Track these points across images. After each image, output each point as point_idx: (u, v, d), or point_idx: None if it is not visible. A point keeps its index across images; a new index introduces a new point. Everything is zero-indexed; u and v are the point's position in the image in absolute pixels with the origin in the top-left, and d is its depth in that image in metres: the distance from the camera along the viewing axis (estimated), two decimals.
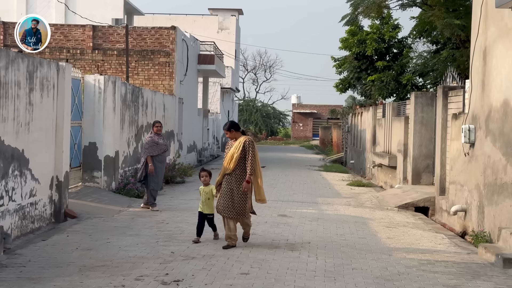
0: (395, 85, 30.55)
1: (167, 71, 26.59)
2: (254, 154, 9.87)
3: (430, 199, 15.70)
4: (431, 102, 18.22)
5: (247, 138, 10.06)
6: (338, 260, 9.14)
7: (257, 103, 78.09)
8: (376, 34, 31.45)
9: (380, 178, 23.64)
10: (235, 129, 10.19)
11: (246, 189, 9.82)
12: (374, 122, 25.95)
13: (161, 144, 14.15)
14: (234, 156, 9.86)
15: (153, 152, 14.01)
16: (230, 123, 10.30)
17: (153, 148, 14.04)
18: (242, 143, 9.95)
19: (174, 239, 10.45)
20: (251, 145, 9.93)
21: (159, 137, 14.21)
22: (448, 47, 27.17)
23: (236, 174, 9.88)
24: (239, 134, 10.17)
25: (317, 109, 74.98)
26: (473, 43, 12.75)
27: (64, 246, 9.76)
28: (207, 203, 10.41)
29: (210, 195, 10.38)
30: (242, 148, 9.91)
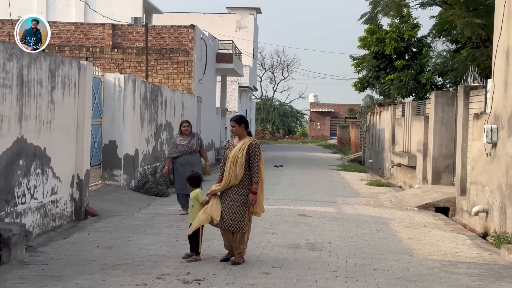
0: (414, 84, 30.39)
1: (186, 69, 26.62)
2: (259, 159, 8.64)
3: (450, 199, 15.60)
4: (451, 102, 18.10)
5: (253, 140, 8.74)
6: (359, 261, 9.10)
7: (274, 102, 78.10)
8: (395, 33, 31.31)
9: (399, 178, 23.53)
10: (246, 126, 8.86)
11: (254, 202, 8.58)
12: (393, 121, 25.83)
13: (181, 145, 13.24)
14: (239, 162, 8.57)
15: (172, 153, 13.35)
16: (241, 116, 9.06)
17: (173, 149, 13.39)
18: (247, 146, 8.66)
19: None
20: (257, 149, 8.66)
21: (184, 138, 13.31)
22: (468, 46, 26.99)
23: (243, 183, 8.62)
24: (244, 133, 8.83)
25: (334, 108, 74.83)
26: (496, 42, 12.64)
27: (85, 244, 9.79)
28: (191, 210, 8.93)
29: (195, 201, 8.89)
30: (246, 152, 8.62)
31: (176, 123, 21.82)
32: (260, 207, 8.73)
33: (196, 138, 13.44)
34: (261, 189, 8.75)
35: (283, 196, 17.17)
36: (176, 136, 13.61)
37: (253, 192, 8.62)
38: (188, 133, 13.36)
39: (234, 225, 8.61)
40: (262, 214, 9.10)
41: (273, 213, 13.23)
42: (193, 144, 13.28)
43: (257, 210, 8.69)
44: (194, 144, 13.30)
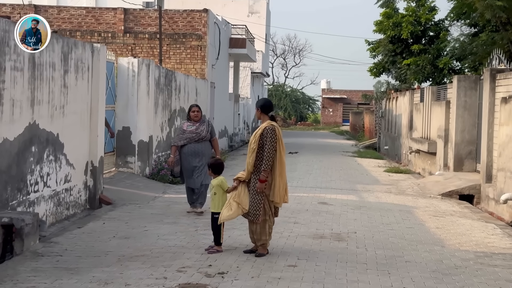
0: (431, 69, 29.75)
1: (199, 55, 26.14)
2: (272, 145, 8.02)
3: (475, 186, 15.09)
4: (474, 86, 17.55)
5: (269, 124, 8.18)
6: (389, 252, 8.64)
7: (286, 88, 77.51)
8: (412, 17, 30.66)
9: (417, 164, 23.00)
10: (264, 110, 8.37)
11: (258, 189, 8.07)
12: (411, 107, 25.27)
13: (189, 132, 11.40)
14: (251, 148, 8.17)
15: (178, 142, 11.51)
16: (263, 101, 8.55)
17: (179, 136, 11.58)
18: (261, 130, 8.18)
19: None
20: (270, 133, 8.04)
21: (192, 123, 11.50)
22: (487, 30, 26.36)
23: (256, 171, 8.15)
24: (265, 118, 8.35)
25: (347, 94, 74.15)
26: None
27: (100, 234, 9.37)
28: (213, 198, 8.47)
29: (218, 189, 8.45)
30: (259, 137, 8.16)
31: None
32: (279, 197, 8.19)
33: (207, 124, 11.59)
34: (281, 177, 8.21)
35: (301, 183, 16.70)
36: (184, 122, 11.90)
37: (260, 180, 8.08)
38: (198, 119, 11.52)
39: (250, 214, 8.20)
40: (284, 204, 8.62)
41: (293, 201, 12.75)
42: (202, 130, 11.42)
43: (277, 199, 8.19)
44: (203, 131, 11.44)
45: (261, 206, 8.13)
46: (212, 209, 8.47)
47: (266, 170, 8.07)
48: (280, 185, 8.17)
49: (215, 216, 8.36)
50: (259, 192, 8.12)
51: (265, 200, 8.17)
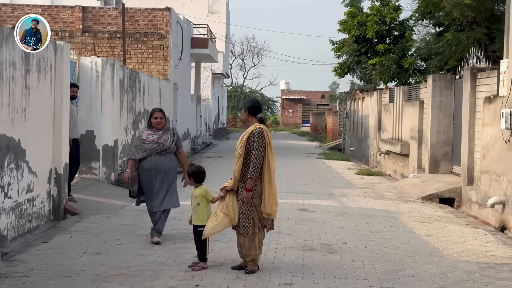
0: (397, 69, 29.38)
1: (162, 54, 25.27)
2: (260, 150, 7.25)
3: (455, 189, 14.56)
4: (450, 86, 17.08)
5: (257, 127, 7.41)
6: (388, 265, 7.96)
7: (245, 89, 76.82)
8: (376, 16, 30.26)
9: (387, 166, 22.50)
10: (252, 112, 7.57)
11: (244, 199, 7.31)
12: (379, 107, 24.78)
13: (149, 142, 9.20)
14: (237, 153, 7.43)
15: (136, 154, 9.26)
16: (251, 102, 7.75)
17: (137, 147, 9.32)
18: (248, 134, 7.45)
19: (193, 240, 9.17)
20: (258, 137, 7.29)
21: (154, 132, 9.30)
22: (452, 29, 26.07)
23: (243, 179, 7.41)
24: (253, 120, 7.56)
25: (306, 95, 73.83)
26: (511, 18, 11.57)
27: (69, 250, 8.50)
28: (197, 210, 7.65)
29: (202, 199, 7.67)
30: (246, 142, 7.41)
31: None
32: (270, 207, 7.39)
33: (171, 133, 9.38)
34: (270, 185, 7.43)
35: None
36: (143, 130, 9.56)
37: (246, 189, 7.31)
38: (161, 127, 9.34)
39: (240, 226, 7.42)
40: None
41: None
42: (166, 140, 9.24)
43: (268, 210, 7.39)
44: (167, 141, 9.25)
45: (250, 218, 7.37)
46: (195, 221, 7.67)
47: (253, 177, 7.31)
48: (269, 194, 7.40)
49: (199, 229, 7.58)
50: (246, 202, 7.36)
51: (255, 211, 7.41)
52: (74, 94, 12.16)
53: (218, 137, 45.89)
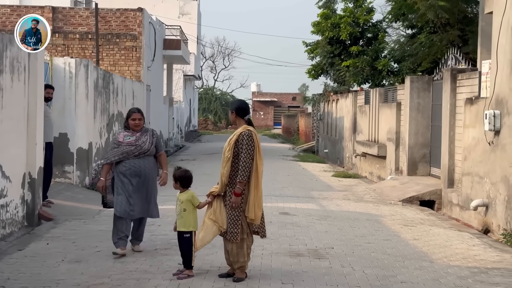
0: (370, 71, 29.32)
1: (134, 56, 24.89)
2: (249, 153, 6.96)
3: (436, 192, 14.43)
4: (427, 87, 16.97)
5: (245, 129, 7.12)
6: (378, 271, 7.73)
7: (216, 91, 76.44)
8: (350, 18, 30.17)
9: (363, 168, 22.37)
10: (239, 113, 7.25)
11: (234, 204, 7.00)
12: (355, 109, 24.65)
13: (126, 144, 8.41)
14: (225, 157, 7.09)
15: (111, 157, 8.47)
16: (238, 103, 7.48)
17: (113, 150, 8.49)
18: (236, 136, 7.12)
19: (175, 246, 8.82)
20: (246, 140, 7.00)
21: (131, 134, 8.49)
22: (425, 31, 26.07)
23: (232, 183, 7.08)
24: (241, 122, 7.26)
25: (277, 97, 73.71)
26: (498, 19, 11.44)
27: (46, 258, 8.14)
28: (183, 215, 7.27)
29: (188, 205, 7.32)
30: (234, 144, 7.09)
31: None
32: (253, 213, 7.07)
33: (150, 135, 8.57)
34: (257, 190, 7.11)
35: None
36: (120, 132, 8.72)
37: (235, 193, 6.97)
38: (139, 129, 8.55)
39: (228, 232, 7.11)
40: None
41: None
42: (144, 142, 8.42)
43: (252, 215, 7.07)
44: (145, 143, 8.44)
45: (239, 223, 7.07)
46: (180, 227, 7.34)
47: (242, 181, 7.00)
48: (255, 199, 7.09)
49: (185, 236, 7.27)
50: (235, 207, 7.06)
51: (243, 217, 7.13)
52: (49, 95, 11.79)
53: (190, 139, 45.52)
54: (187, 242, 7.23)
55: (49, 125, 11.72)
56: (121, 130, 8.75)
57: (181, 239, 7.33)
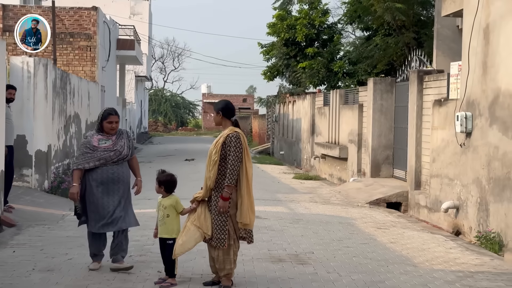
0: (326, 73, 29.30)
1: (89, 56, 24.26)
2: (237, 156, 6.70)
3: (402, 194, 14.38)
4: (390, 89, 16.95)
5: (232, 131, 6.84)
6: (365, 276, 7.53)
7: (166, 92, 75.73)
8: (305, 19, 30.09)
9: (323, 170, 22.27)
10: (226, 114, 6.98)
11: (221, 209, 6.68)
12: (313, 111, 24.55)
13: (103, 149, 7.58)
14: (212, 159, 6.79)
15: (84, 164, 7.54)
16: (224, 103, 7.12)
17: (86, 155, 7.57)
18: (223, 138, 6.83)
19: (149, 252, 8.55)
20: (234, 142, 6.73)
21: (106, 138, 7.64)
22: (380, 33, 26.20)
23: (220, 186, 6.80)
24: (227, 123, 6.99)
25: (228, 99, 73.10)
26: (470, 20, 11.40)
27: (15, 267, 7.70)
28: (166, 221, 6.94)
29: (171, 210, 6.98)
30: (221, 147, 6.82)
31: (84, 115, 19.63)
32: (247, 217, 6.82)
33: (126, 138, 7.80)
34: (248, 194, 6.86)
35: None
36: (92, 135, 7.73)
37: (223, 198, 6.67)
38: (115, 132, 7.73)
39: (215, 238, 6.80)
40: None
41: None
42: (122, 147, 7.66)
43: (246, 220, 6.82)
44: (123, 147, 7.68)
45: (226, 229, 6.78)
46: (163, 234, 7.00)
47: (230, 185, 6.71)
48: (248, 203, 6.83)
49: (169, 243, 6.94)
50: (222, 212, 6.76)
51: (230, 222, 6.84)
52: (11, 96, 11.30)
53: (141, 141, 44.87)
54: (170, 250, 6.90)
55: (10, 128, 11.23)
56: (93, 133, 7.73)
57: (163, 246, 6.99)
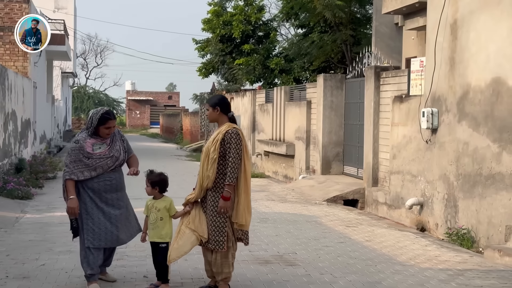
0: (262, 70, 29.15)
1: (20, 51, 23.20)
2: (238, 154, 6.33)
3: (359, 191, 14.28)
4: (340, 85, 16.86)
5: (231, 128, 6.46)
6: (360, 277, 7.29)
7: (88, 89, 74.01)
8: (241, 16, 29.83)
9: (266, 167, 22.06)
10: (223, 109, 6.56)
11: (222, 209, 6.31)
12: (254, 108, 24.29)
13: (98, 156, 6.71)
14: (210, 157, 6.41)
15: (77, 173, 6.61)
16: (219, 97, 6.71)
17: (80, 164, 6.64)
18: (222, 135, 6.44)
19: (126, 256, 8.08)
20: (235, 140, 6.36)
21: (101, 141, 6.78)
22: (316, 31, 26.24)
23: (218, 186, 6.44)
24: (224, 119, 6.58)
25: (153, 96, 72.41)
26: (434, 16, 11.36)
27: None
28: (159, 225, 6.56)
29: (165, 213, 6.63)
30: (220, 144, 6.47)
31: (19, 112, 18.78)
32: (243, 217, 6.46)
33: (120, 139, 7.00)
34: (246, 193, 6.50)
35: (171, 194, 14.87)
36: (84, 138, 6.73)
37: (224, 198, 6.30)
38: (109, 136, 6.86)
39: (212, 241, 6.41)
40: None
41: None
42: (118, 151, 6.86)
43: (242, 221, 6.45)
44: (119, 152, 6.89)
45: (225, 231, 6.41)
46: (155, 238, 6.57)
47: (231, 184, 6.33)
48: (245, 203, 6.48)
49: (162, 246, 6.52)
50: (222, 213, 6.39)
51: (229, 223, 6.48)
52: None
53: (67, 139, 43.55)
54: (163, 254, 6.48)
55: None
56: (85, 136, 6.72)
57: (156, 251, 6.57)
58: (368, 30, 26.14)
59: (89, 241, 6.58)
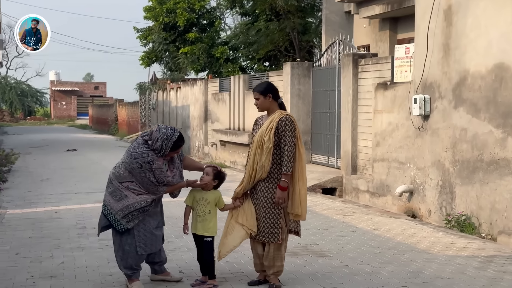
0: (207, 58, 28.73)
1: None
2: (293, 141, 6.07)
3: (337, 179, 14.16)
4: (307, 74, 16.70)
5: (285, 115, 6.18)
6: (398, 267, 7.11)
7: (10, 80, 71.52)
8: (185, 3, 29.28)
9: (222, 157, 21.71)
10: (275, 96, 6.31)
11: (280, 200, 6.05)
12: (205, 97, 23.87)
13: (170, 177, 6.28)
14: (265, 147, 6.07)
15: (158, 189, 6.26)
16: (267, 84, 6.44)
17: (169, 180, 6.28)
18: (275, 123, 6.15)
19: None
20: (290, 127, 6.11)
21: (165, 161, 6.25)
22: (261, 19, 26.09)
23: (272, 176, 6.13)
24: (275, 106, 6.31)
25: (78, 87, 70.64)
26: (425, 2, 11.29)
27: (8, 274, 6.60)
28: (207, 217, 6.22)
29: (213, 206, 6.31)
30: (275, 132, 6.16)
31: None
32: (300, 207, 6.20)
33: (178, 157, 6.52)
34: (302, 181, 6.22)
35: None
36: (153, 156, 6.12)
37: (281, 188, 6.03)
38: None
39: (266, 233, 6.13)
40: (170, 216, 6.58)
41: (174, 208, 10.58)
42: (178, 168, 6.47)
43: (298, 211, 6.22)
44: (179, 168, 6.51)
45: (279, 222, 6.13)
46: (201, 231, 6.22)
47: (288, 174, 6.05)
48: (302, 192, 6.20)
49: (207, 240, 6.19)
50: (280, 204, 6.08)
51: (283, 214, 6.19)
52: None
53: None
54: (208, 248, 6.16)
55: None
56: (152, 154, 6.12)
57: (201, 244, 6.22)
58: (315, 19, 26.18)
59: (141, 248, 6.20)
